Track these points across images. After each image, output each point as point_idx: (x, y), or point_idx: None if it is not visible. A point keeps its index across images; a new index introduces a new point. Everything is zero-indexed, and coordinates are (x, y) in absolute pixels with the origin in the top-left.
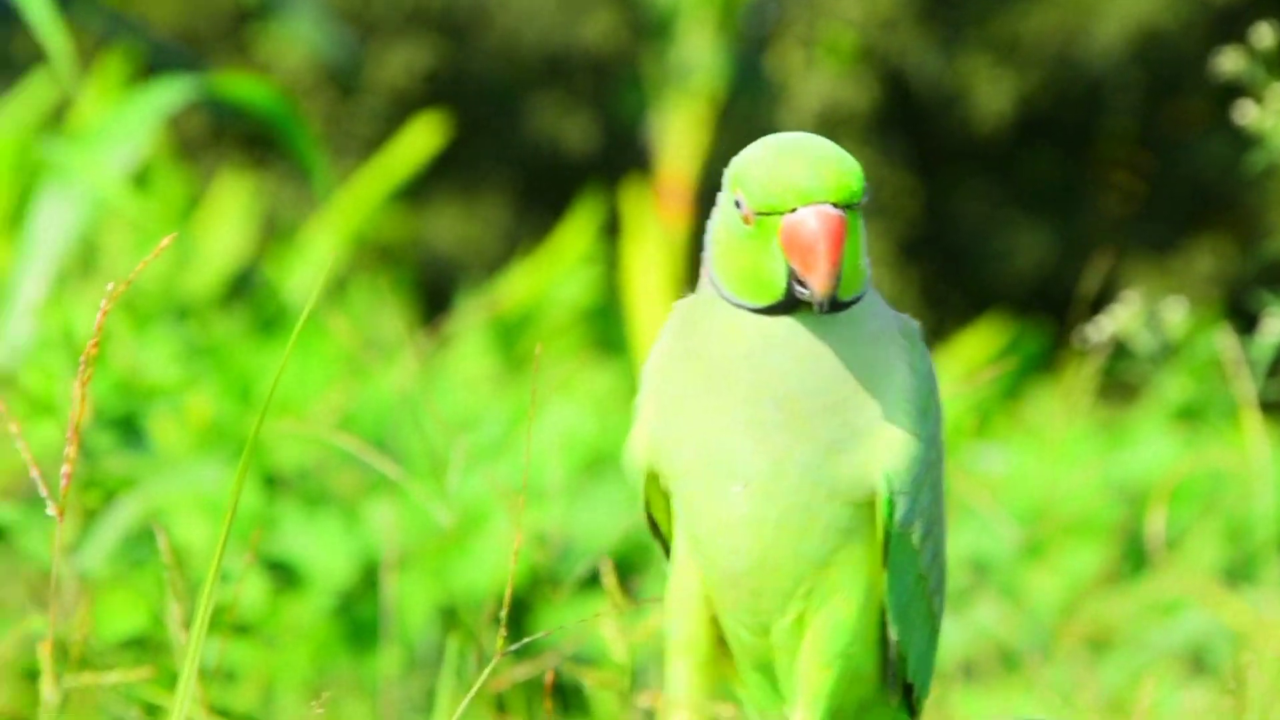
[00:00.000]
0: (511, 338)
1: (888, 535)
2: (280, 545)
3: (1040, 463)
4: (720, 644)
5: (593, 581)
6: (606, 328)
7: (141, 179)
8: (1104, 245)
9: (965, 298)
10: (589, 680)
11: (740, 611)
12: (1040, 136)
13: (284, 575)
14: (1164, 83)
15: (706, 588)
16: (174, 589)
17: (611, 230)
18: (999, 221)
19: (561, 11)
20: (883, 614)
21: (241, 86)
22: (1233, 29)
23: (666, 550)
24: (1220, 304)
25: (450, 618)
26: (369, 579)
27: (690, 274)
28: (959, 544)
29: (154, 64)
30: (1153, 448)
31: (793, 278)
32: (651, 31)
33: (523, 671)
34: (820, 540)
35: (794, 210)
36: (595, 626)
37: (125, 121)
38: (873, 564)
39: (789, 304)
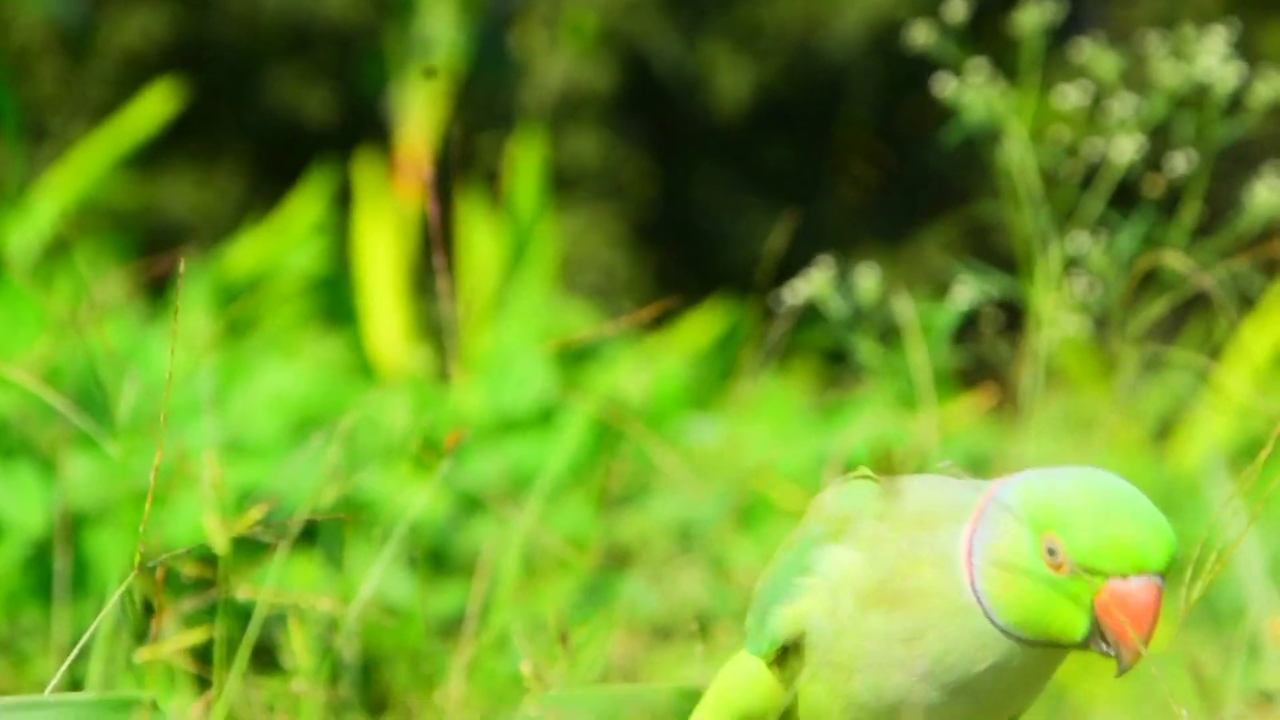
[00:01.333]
0: (237, 304)
1: None
2: None
3: (753, 435)
4: None
5: (300, 541)
6: (335, 297)
7: None
8: (838, 232)
9: (700, 280)
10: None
11: None
12: (779, 124)
13: None
14: (903, 76)
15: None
16: None
17: (347, 202)
18: (736, 206)
19: None
20: None
21: None
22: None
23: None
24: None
25: (148, 573)
26: (65, 533)
27: (423, 249)
28: (668, 511)
29: None
30: (866, 422)
31: (1097, 634)
32: (394, 5)
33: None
34: None
35: (1125, 577)
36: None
37: None
38: None
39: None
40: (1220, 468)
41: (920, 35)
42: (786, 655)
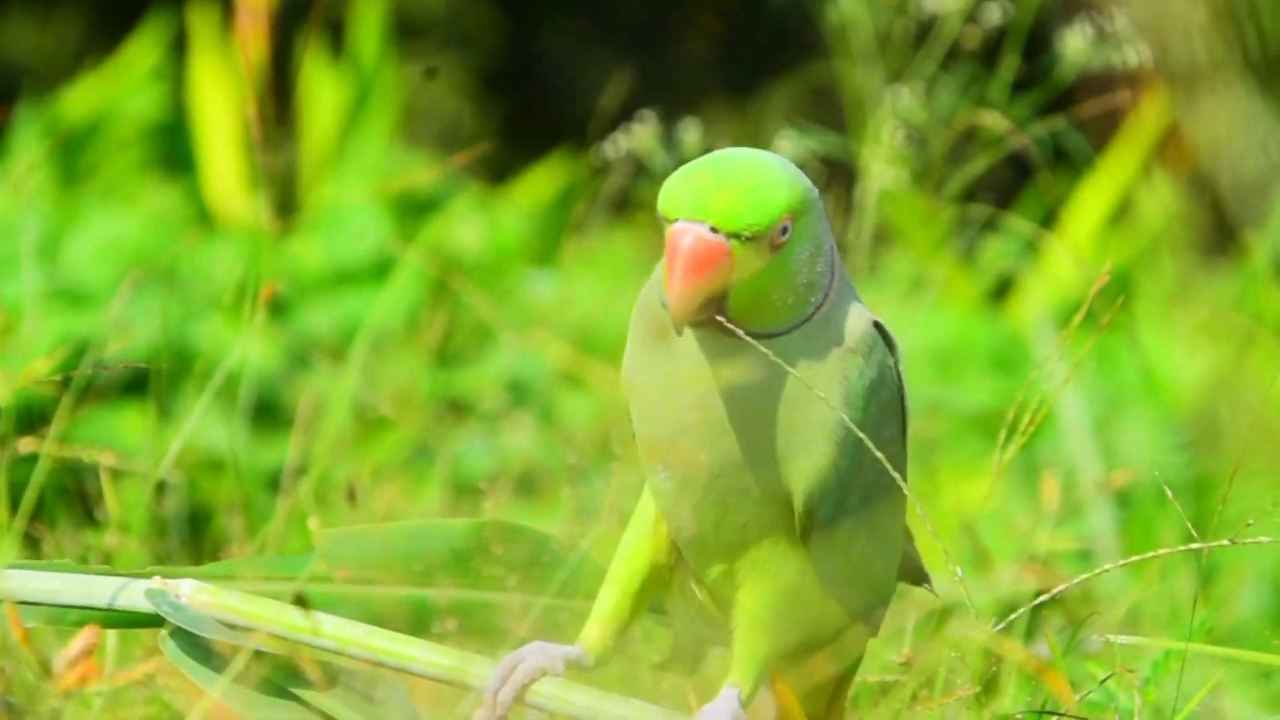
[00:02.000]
0: (73, 150)
1: (806, 531)
2: None
3: (591, 289)
4: (669, 575)
5: (130, 389)
6: (173, 144)
7: None
8: (686, 83)
9: (546, 133)
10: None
11: (687, 551)
12: None
13: None
14: None
15: (660, 520)
16: None
17: (185, 48)
18: (584, 58)
19: None
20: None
21: None
22: None
23: None
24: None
25: None
26: None
27: (263, 95)
28: (500, 367)
29: None
30: None
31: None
32: None
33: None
34: (738, 531)
35: (674, 221)
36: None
37: None
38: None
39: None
40: (1046, 327)
41: None
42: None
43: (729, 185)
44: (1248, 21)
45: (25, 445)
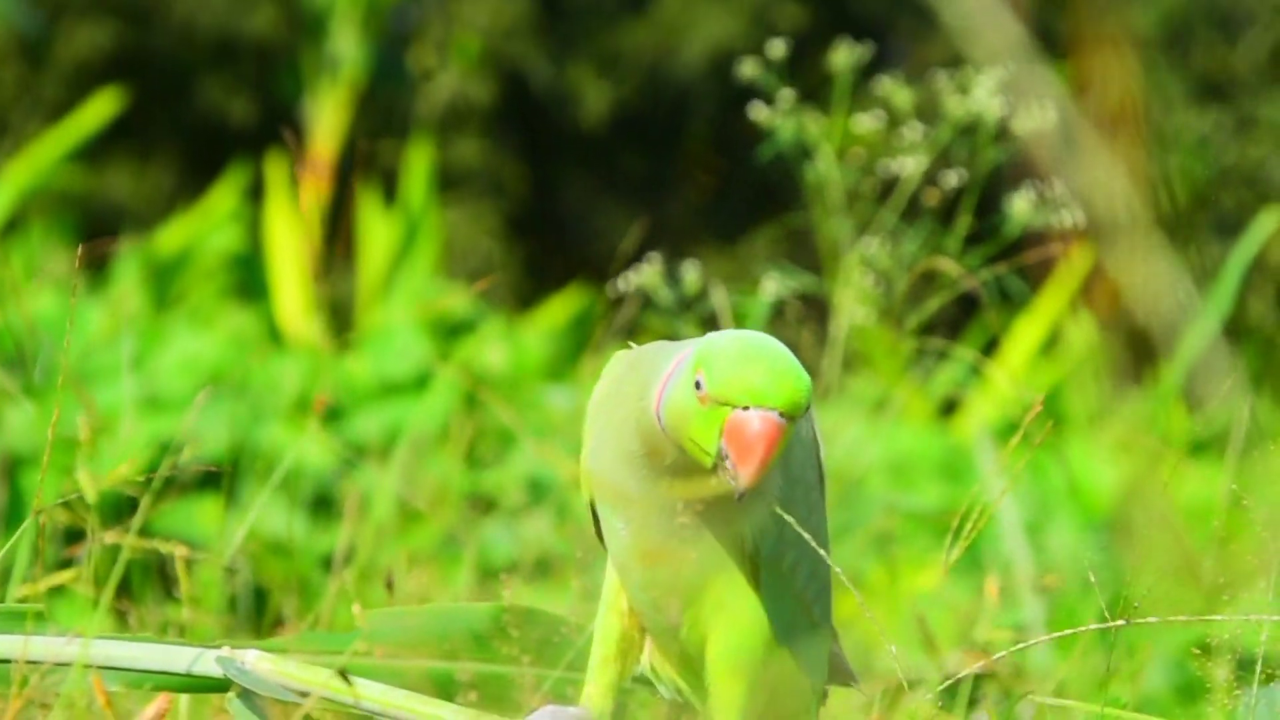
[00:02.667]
0: (165, 279)
1: (755, 567)
2: None
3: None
4: (639, 640)
5: (206, 483)
6: (249, 275)
7: None
8: (683, 229)
9: (564, 268)
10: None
11: (647, 617)
12: (634, 136)
13: None
14: (738, 97)
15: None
16: None
17: (261, 194)
18: (596, 206)
19: (231, 4)
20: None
21: None
22: (795, 52)
23: None
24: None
25: (77, 509)
26: (6, 474)
27: (326, 234)
28: (522, 468)
29: None
30: None
31: (723, 458)
32: (308, 26)
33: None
34: (696, 570)
35: (745, 408)
36: (205, 521)
37: None
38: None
39: (711, 473)
40: (988, 442)
41: (747, 68)
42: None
43: (787, 375)
44: (1160, 187)
45: (110, 537)
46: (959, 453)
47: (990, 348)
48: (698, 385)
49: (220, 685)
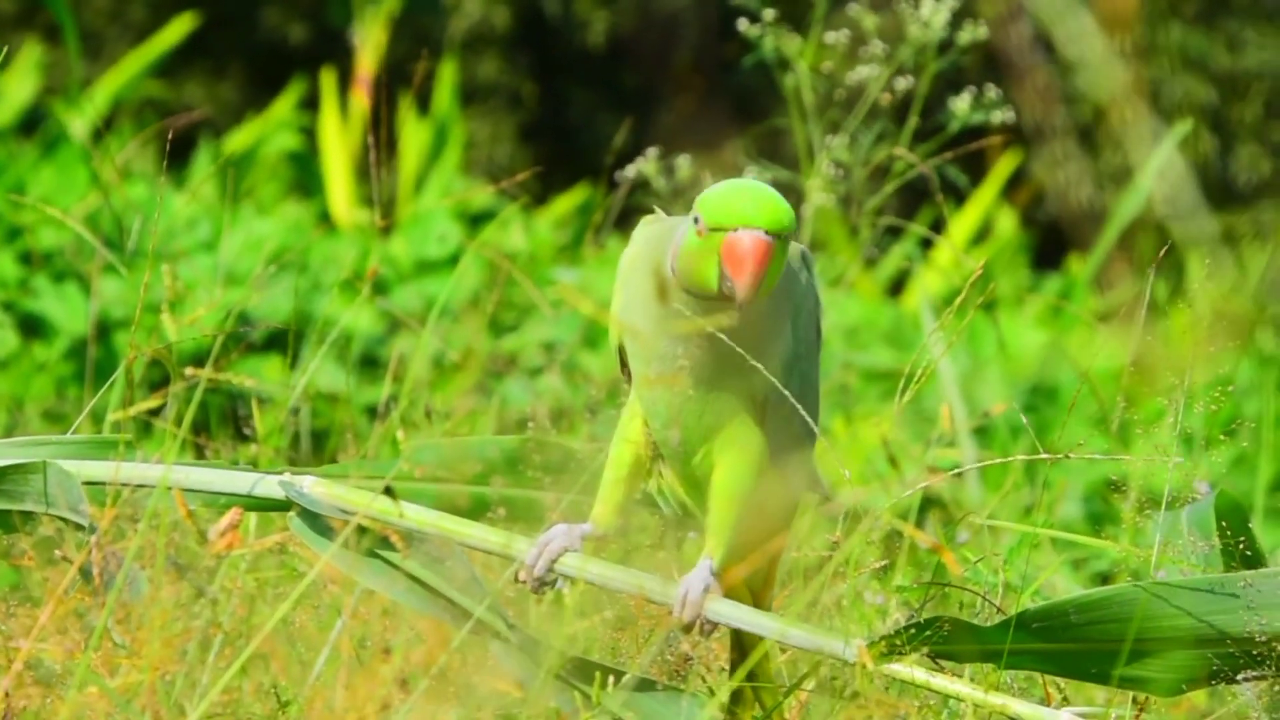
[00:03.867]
0: (237, 173)
1: (763, 413)
2: (33, 305)
3: (600, 279)
4: (649, 465)
5: (269, 346)
6: (305, 172)
7: None
8: (673, 134)
9: (570, 170)
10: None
11: (667, 448)
12: (630, 56)
13: (34, 327)
14: (721, 21)
15: (645, 421)
16: None
17: (316, 104)
18: (598, 117)
19: None
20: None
21: None
22: None
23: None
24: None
25: (161, 366)
26: (99, 334)
27: (366, 139)
28: (538, 334)
29: None
30: None
31: (724, 279)
32: None
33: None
34: (715, 416)
35: (735, 229)
36: (271, 375)
37: None
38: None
39: (720, 298)
40: (930, 309)
41: None
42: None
43: (767, 202)
44: (1074, 101)
45: (191, 373)
46: (905, 322)
47: (935, 229)
48: (696, 222)
49: (283, 505)
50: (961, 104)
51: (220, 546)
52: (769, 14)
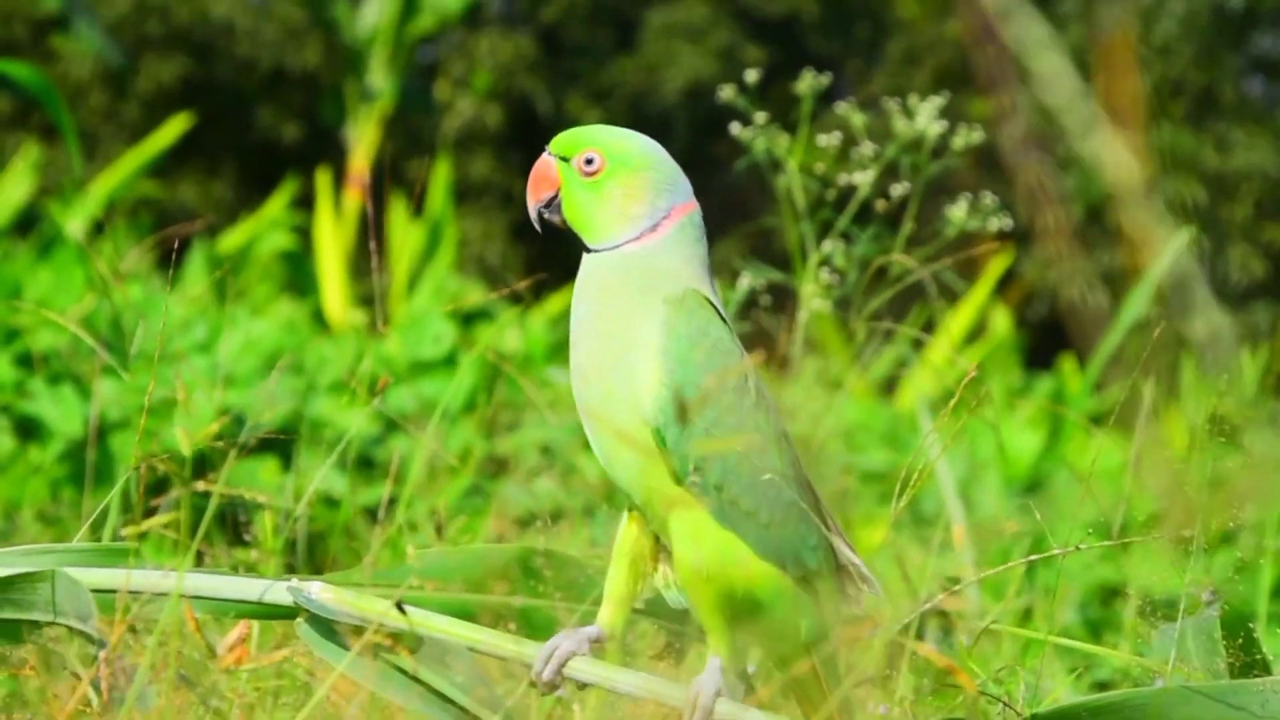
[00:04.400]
0: (228, 274)
1: (669, 458)
2: (29, 407)
3: None
4: (652, 557)
5: (265, 447)
6: (299, 271)
7: None
8: None
9: (562, 267)
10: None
11: (624, 494)
12: None
13: (30, 429)
14: (709, 121)
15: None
16: None
17: (310, 203)
18: None
19: (283, 40)
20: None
21: (16, 69)
22: (762, 83)
23: None
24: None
25: (153, 469)
26: (95, 436)
27: (361, 235)
28: (534, 435)
29: None
30: None
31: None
32: (348, 62)
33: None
34: (631, 456)
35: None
36: (267, 477)
37: None
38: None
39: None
40: (926, 411)
41: (725, 93)
42: None
43: (572, 130)
44: (1067, 201)
45: (203, 485)
46: (899, 422)
47: (926, 330)
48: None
49: (288, 613)
50: (958, 211)
51: (229, 661)
52: (760, 116)
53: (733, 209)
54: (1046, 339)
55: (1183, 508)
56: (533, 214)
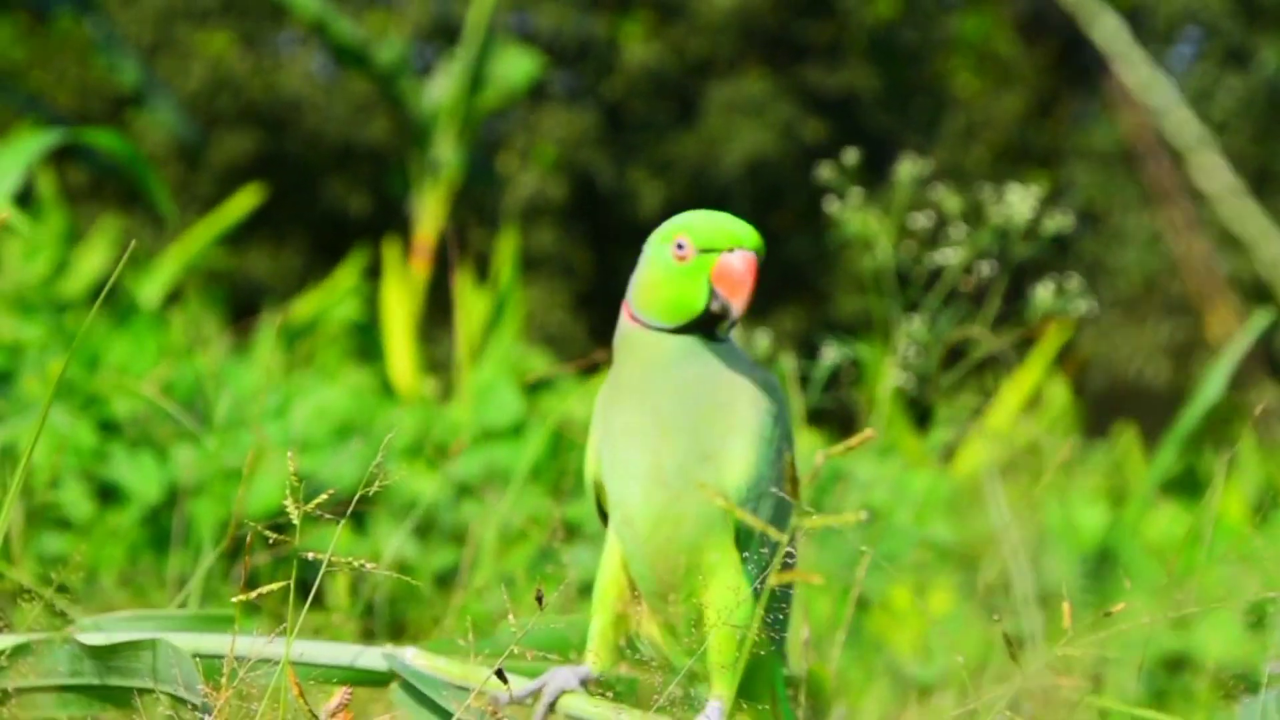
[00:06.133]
0: (297, 342)
1: (737, 532)
2: (109, 472)
3: None
4: (631, 606)
5: (336, 513)
6: (367, 340)
7: (35, 213)
8: (757, 306)
9: None
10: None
11: (645, 583)
12: None
13: (109, 494)
14: (769, 194)
15: (625, 562)
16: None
17: (377, 273)
18: None
19: (352, 115)
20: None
21: (102, 138)
22: (815, 160)
23: None
24: (800, 353)
25: (229, 532)
26: (173, 501)
27: (428, 304)
28: (573, 511)
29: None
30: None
31: (715, 299)
32: (414, 135)
33: (294, 577)
34: (691, 529)
35: (730, 250)
36: (338, 544)
37: (11, 154)
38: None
39: (698, 324)
40: (994, 479)
41: (824, 172)
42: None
43: (748, 226)
44: (1122, 274)
45: (313, 554)
46: (959, 491)
47: (985, 401)
48: (680, 247)
49: (383, 679)
50: (1044, 292)
51: None
52: (855, 193)
53: (791, 279)
54: (1103, 409)
55: (1257, 576)
56: (738, 315)
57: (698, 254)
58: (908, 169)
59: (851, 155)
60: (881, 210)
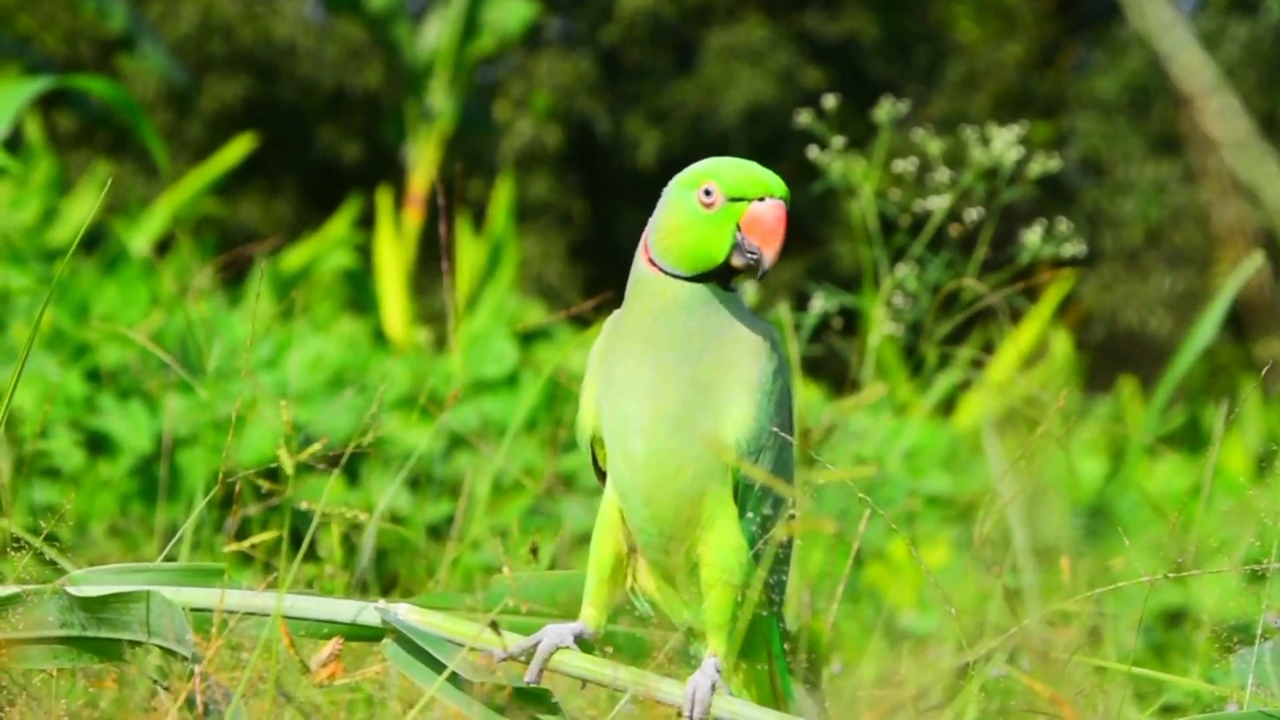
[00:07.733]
0: (290, 291)
1: (736, 484)
2: (99, 422)
3: None
4: (627, 562)
5: (329, 464)
6: (360, 290)
7: (23, 159)
8: None
9: (619, 288)
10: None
11: (645, 535)
12: None
13: (99, 444)
14: (769, 143)
15: (622, 517)
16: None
17: (371, 222)
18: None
19: (345, 61)
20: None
21: (94, 84)
22: (814, 105)
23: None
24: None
25: (229, 485)
26: (165, 451)
27: (421, 254)
28: (569, 463)
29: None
30: None
31: (742, 249)
32: (409, 83)
33: (285, 528)
34: (692, 479)
35: (761, 199)
36: (331, 495)
37: (3, 99)
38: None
39: (718, 273)
40: (993, 431)
41: (803, 118)
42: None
43: (775, 176)
44: (1125, 225)
45: (307, 504)
46: (959, 444)
47: (986, 351)
48: (708, 193)
49: (375, 634)
50: (1033, 237)
51: (323, 676)
52: (837, 141)
53: (791, 230)
54: (1104, 361)
55: (1254, 531)
56: (770, 265)
57: (726, 202)
58: (886, 110)
59: (830, 100)
60: (868, 157)
